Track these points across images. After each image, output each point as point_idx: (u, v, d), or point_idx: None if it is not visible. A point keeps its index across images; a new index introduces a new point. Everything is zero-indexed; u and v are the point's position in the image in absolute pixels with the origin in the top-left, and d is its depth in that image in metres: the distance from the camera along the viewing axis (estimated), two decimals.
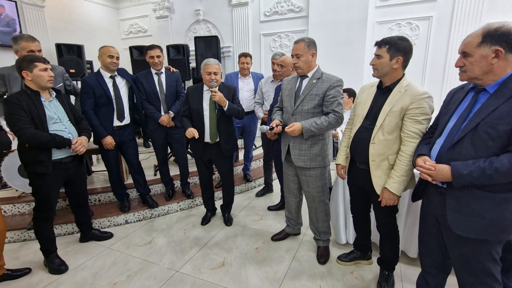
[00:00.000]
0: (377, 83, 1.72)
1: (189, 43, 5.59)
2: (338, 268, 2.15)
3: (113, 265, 2.25)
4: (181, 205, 3.20)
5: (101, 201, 3.11)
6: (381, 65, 1.59)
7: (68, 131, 2.11)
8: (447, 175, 1.19)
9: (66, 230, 2.72)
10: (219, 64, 2.44)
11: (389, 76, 1.61)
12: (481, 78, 1.17)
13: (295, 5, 5.02)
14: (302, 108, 2.01)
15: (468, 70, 1.18)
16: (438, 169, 1.22)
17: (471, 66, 1.16)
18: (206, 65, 2.39)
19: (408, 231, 2.10)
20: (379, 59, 1.59)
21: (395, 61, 1.55)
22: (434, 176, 1.24)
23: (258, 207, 3.22)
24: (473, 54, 1.15)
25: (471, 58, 1.16)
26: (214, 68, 2.38)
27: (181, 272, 2.15)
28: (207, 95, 2.48)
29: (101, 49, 2.58)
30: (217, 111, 2.46)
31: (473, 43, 1.15)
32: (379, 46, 1.59)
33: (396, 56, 1.54)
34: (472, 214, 1.20)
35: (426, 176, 1.27)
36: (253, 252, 2.37)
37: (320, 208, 2.19)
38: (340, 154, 1.98)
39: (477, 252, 1.24)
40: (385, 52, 1.56)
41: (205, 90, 2.49)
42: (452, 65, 4.12)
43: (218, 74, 2.41)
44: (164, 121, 2.85)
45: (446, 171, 1.19)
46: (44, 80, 1.96)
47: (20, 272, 2.12)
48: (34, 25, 5.17)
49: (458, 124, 1.23)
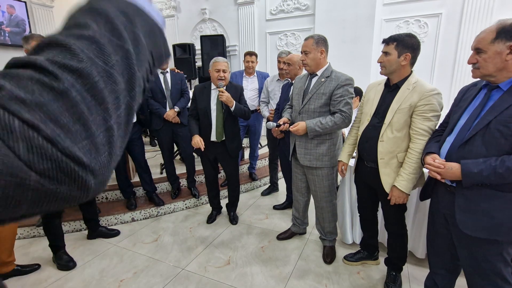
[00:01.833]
0: (385, 80, 1.70)
1: (195, 42, 5.61)
2: (344, 268, 2.13)
3: (120, 262, 2.27)
4: (187, 204, 3.21)
5: (108, 198, 3.14)
6: (389, 62, 1.56)
7: None
8: (456, 174, 1.17)
9: (74, 227, 2.75)
10: (227, 62, 2.44)
11: (397, 73, 1.59)
12: (495, 75, 1.14)
13: (302, 3, 4.98)
14: (309, 107, 1.99)
15: (481, 67, 1.15)
16: (448, 167, 1.20)
17: (484, 62, 1.13)
18: (215, 62, 2.39)
19: (416, 231, 2.07)
20: (387, 56, 1.56)
21: (403, 58, 1.53)
22: (443, 174, 1.22)
23: (264, 206, 3.21)
24: (487, 50, 1.12)
25: (485, 54, 1.13)
26: (223, 65, 2.38)
27: (187, 270, 2.16)
28: (214, 93, 2.48)
29: None
30: (224, 111, 2.46)
31: (487, 39, 1.12)
32: (387, 43, 1.57)
33: (404, 53, 1.52)
34: (481, 214, 1.18)
35: (435, 174, 1.24)
36: (258, 251, 2.37)
37: (327, 208, 2.17)
38: (344, 152, 1.96)
39: (487, 252, 1.22)
40: (393, 49, 1.54)
41: (213, 88, 2.49)
42: (462, 63, 4.04)
43: (226, 72, 2.41)
44: (169, 116, 2.86)
45: (456, 169, 1.17)
46: None
47: (29, 268, 2.16)
48: (43, 25, 5.25)
49: (470, 121, 1.21)
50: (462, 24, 3.98)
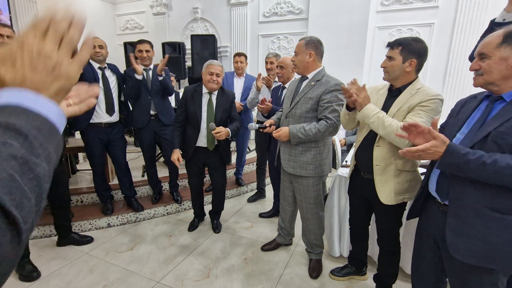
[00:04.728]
0: (388, 85, 1.60)
1: (186, 42, 5.46)
2: (330, 284, 2.01)
3: (90, 273, 2.09)
4: (168, 209, 3.05)
5: (84, 202, 2.94)
6: (392, 67, 1.46)
7: None
8: (442, 148, 1.03)
9: (43, 232, 2.55)
10: (222, 67, 2.32)
11: (400, 79, 1.49)
12: (499, 84, 1.04)
13: (295, 6, 4.92)
14: (296, 111, 1.88)
15: (485, 73, 1.05)
16: (438, 138, 1.03)
17: (488, 68, 1.03)
18: (209, 65, 2.27)
19: (405, 245, 1.98)
20: (391, 61, 1.46)
21: (408, 64, 1.43)
22: (431, 148, 1.05)
23: (250, 214, 3.08)
24: (492, 55, 1.02)
25: (489, 60, 1.03)
26: (218, 69, 2.26)
27: (162, 283, 1.99)
28: (205, 98, 2.35)
29: None
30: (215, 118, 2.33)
31: (493, 44, 1.02)
32: (391, 47, 1.46)
33: (409, 58, 1.42)
34: (474, 237, 1.06)
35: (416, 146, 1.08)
36: (241, 263, 2.23)
37: (312, 220, 2.05)
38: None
39: (480, 281, 1.10)
40: (398, 54, 1.43)
41: (204, 92, 2.35)
42: (453, 73, 4.04)
43: (220, 77, 2.29)
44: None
45: (443, 143, 1.03)
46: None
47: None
48: (26, 18, 4.99)
49: (469, 135, 1.11)
50: (454, 35, 3.98)
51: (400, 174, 1.52)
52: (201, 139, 2.38)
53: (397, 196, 1.53)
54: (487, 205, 1.04)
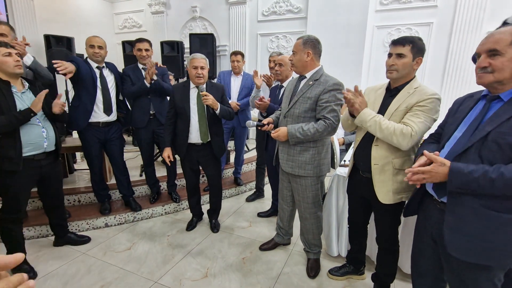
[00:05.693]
0: (386, 85, 1.60)
1: (185, 41, 5.43)
2: (329, 283, 2.01)
3: (87, 273, 2.08)
4: (166, 209, 3.03)
5: (81, 201, 2.93)
6: (403, 65, 1.44)
7: (42, 125, 1.95)
8: (445, 171, 1.04)
9: (39, 232, 2.53)
10: (206, 59, 2.30)
11: (404, 78, 1.49)
12: (505, 82, 1.02)
13: (294, 5, 4.90)
14: (294, 111, 1.87)
15: (497, 71, 1.01)
16: (439, 163, 1.05)
17: (501, 66, 0.99)
18: (192, 59, 2.25)
19: (404, 243, 1.97)
20: (402, 58, 1.44)
21: (416, 62, 1.44)
22: (431, 171, 1.06)
23: (248, 213, 3.07)
24: (505, 52, 0.98)
25: (502, 57, 0.99)
26: (201, 62, 2.24)
27: (160, 283, 1.98)
28: (194, 93, 2.33)
29: (86, 40, 2.46)
30: (207, 111, 2.32)
31: (506, 41, 0.98)
32: (403, 44, 1.43)
33: (417, 56, 1.43)
34: (472, 235, 1.06)
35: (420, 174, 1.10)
36: (239, 263, 2.22)
37: (310, 220, 2.04)
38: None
39: (478, 278, 1.11)
40: (409, 51, 1.42)
41: (192, 87, 2.33)
42: (451, 72, 4.04)
43: (204, 69, 2.27)
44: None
45: (445, 167, 1.04)
46: (10, 66, 1.79)
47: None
48: (22, 14, 4.94)
49: (467, 134, 1.10)
50: (453, 34, 3.98)
51: (398, 173, 1.51)
52: (194, 135, 2.36)
53: (395, 195, 1.53)
54: (483, 203, 1.03)
